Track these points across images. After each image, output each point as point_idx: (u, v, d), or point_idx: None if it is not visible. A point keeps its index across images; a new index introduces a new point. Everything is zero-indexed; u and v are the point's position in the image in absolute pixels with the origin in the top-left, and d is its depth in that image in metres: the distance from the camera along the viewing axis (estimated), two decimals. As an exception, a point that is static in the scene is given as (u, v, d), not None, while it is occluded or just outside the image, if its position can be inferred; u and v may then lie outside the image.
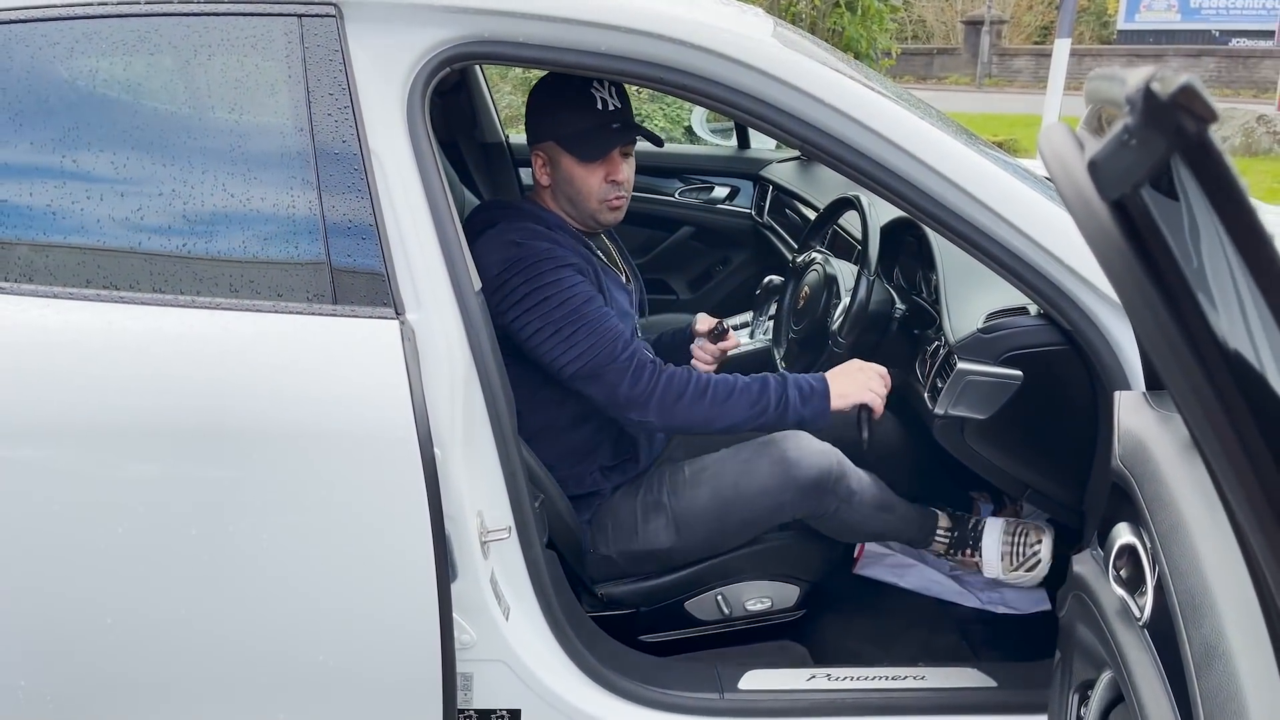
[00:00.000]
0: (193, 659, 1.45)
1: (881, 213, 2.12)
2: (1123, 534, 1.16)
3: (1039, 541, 1.87)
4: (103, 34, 1.40)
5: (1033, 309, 1.62)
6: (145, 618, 1.42)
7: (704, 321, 2.11)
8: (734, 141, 3.75)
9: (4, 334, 1.34)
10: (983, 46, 21.65)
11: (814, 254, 2.26)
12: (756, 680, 1.74)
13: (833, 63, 1.63)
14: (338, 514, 1.39)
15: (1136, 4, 20.95)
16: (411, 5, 1.44)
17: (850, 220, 2.40)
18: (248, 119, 1.42)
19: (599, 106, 1.75)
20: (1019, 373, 1.59)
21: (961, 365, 1.61)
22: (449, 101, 2.80)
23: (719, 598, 1.87)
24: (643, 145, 1.86)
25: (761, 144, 3.67)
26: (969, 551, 1.92)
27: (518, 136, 3.16)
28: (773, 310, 2.41)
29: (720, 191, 3.61)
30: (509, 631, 1.55)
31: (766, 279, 2.52)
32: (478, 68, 2.99)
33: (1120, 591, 1.11)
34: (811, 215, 2.78)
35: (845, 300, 2.00)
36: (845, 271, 2.10)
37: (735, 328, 2.57)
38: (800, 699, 1.71)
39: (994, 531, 1.90)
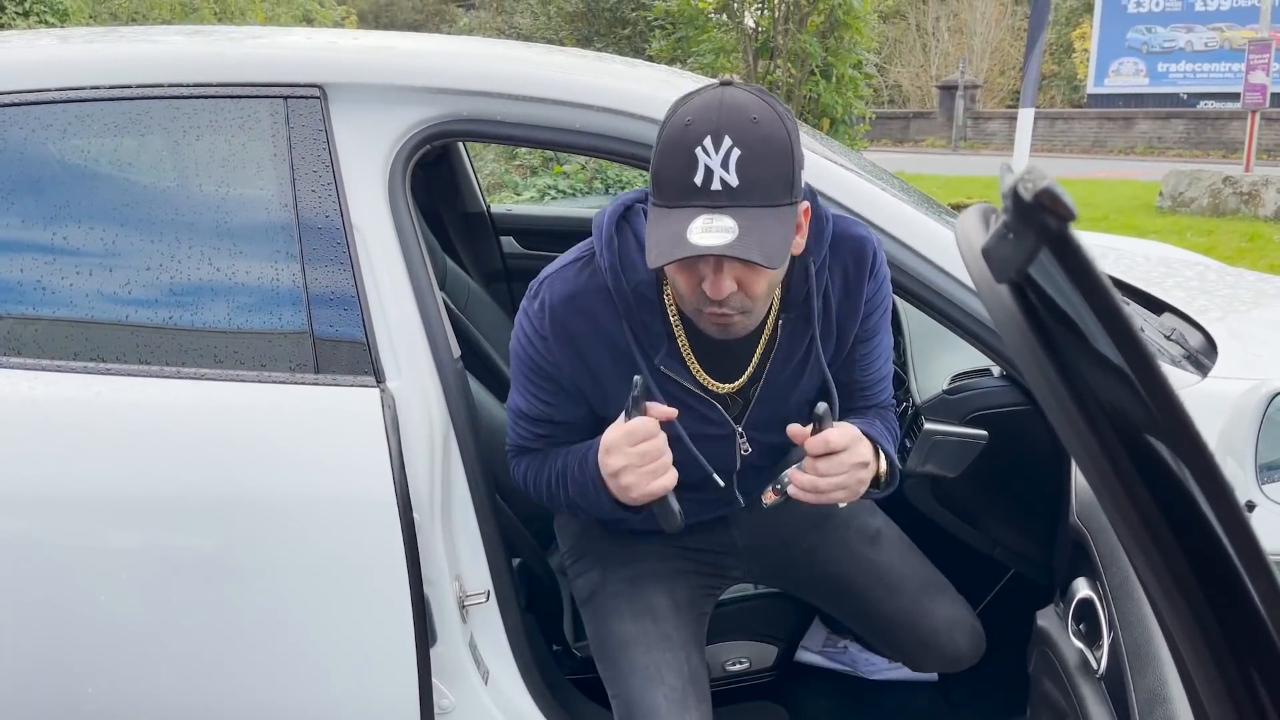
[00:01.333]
0: (172, 727, 1.46)
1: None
2: (1081, 588, 1.19)
3: None
4: (96, 116, 1.45)
5: (996, 370, 1.67)
6: (124, 687, 1.43)
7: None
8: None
9: (-8, 406, 1.37)
10: (957, 110, 22.16)
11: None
12: (735, 741, 1.75)
13: (808, 143, 1.70)
14: (318, 580, 1.41)
15: (1105, 69, 21.53)
16: (392, 86, 1.50)
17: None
18: (234, 195, 1.47)
19: (696, 179, 1.15)
20: (984, 432, 1.64)
21: (928, 426, 1.65)
22: (431, 172, 2.87)
23: (698, 659, 1.89)
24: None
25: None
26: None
27: (499, 206, 3.23)
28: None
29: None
30: (488, 695, 1.56)
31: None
32: (460, 139, 3.07)
33: (1079, 644, 1.15)
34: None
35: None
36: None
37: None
38: (779, 759, 1.72)
39: None
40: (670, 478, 1.28)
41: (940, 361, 1.79)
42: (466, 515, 1.54)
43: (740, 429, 1.45)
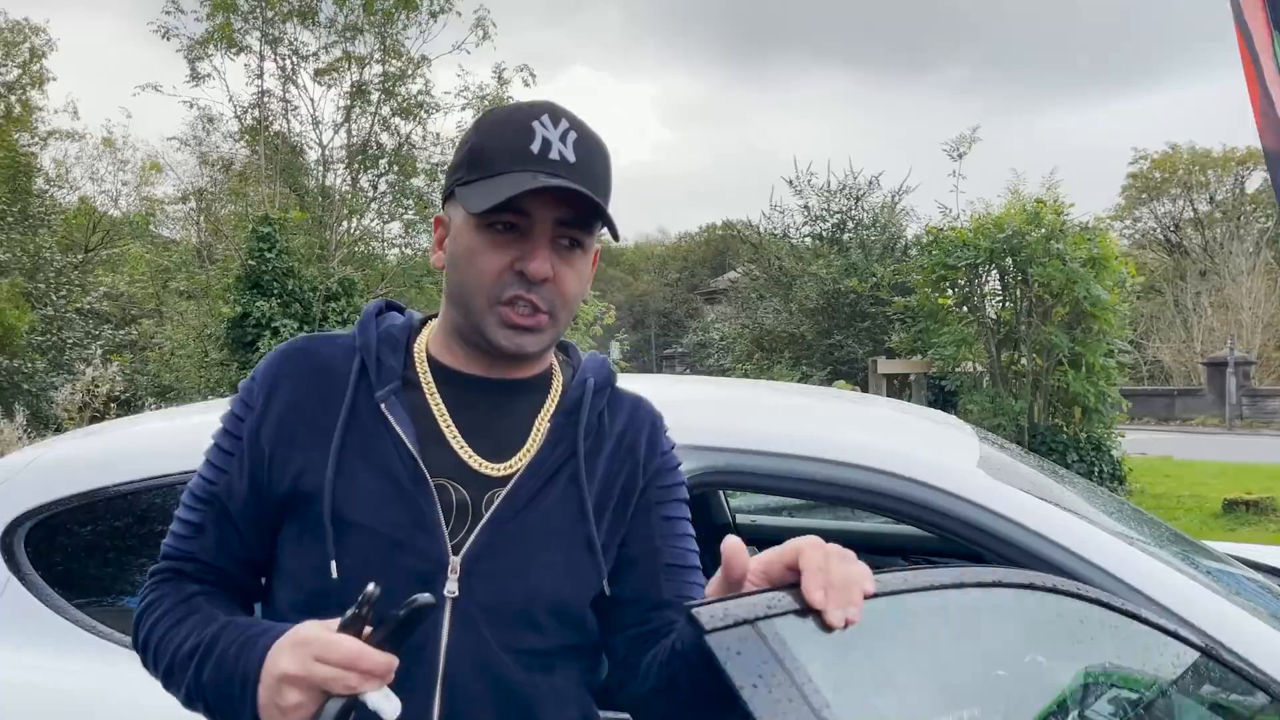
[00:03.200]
0: None
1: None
2: None
3: None
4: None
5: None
6: None
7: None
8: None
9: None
10: (1229, 388, 20.76)
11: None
12: None
13: (1043, 488, 1.77)
14: None
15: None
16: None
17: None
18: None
19: (533, 146, 1.06)
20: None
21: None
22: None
23: None
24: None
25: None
26: None
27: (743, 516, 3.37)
28: None
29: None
30: None
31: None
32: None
33: None
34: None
35: None
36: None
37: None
38: None
39: None
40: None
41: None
42: None
43: (456, 561, 1.04)
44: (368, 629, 0.89)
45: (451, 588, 1.03)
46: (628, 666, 1.11)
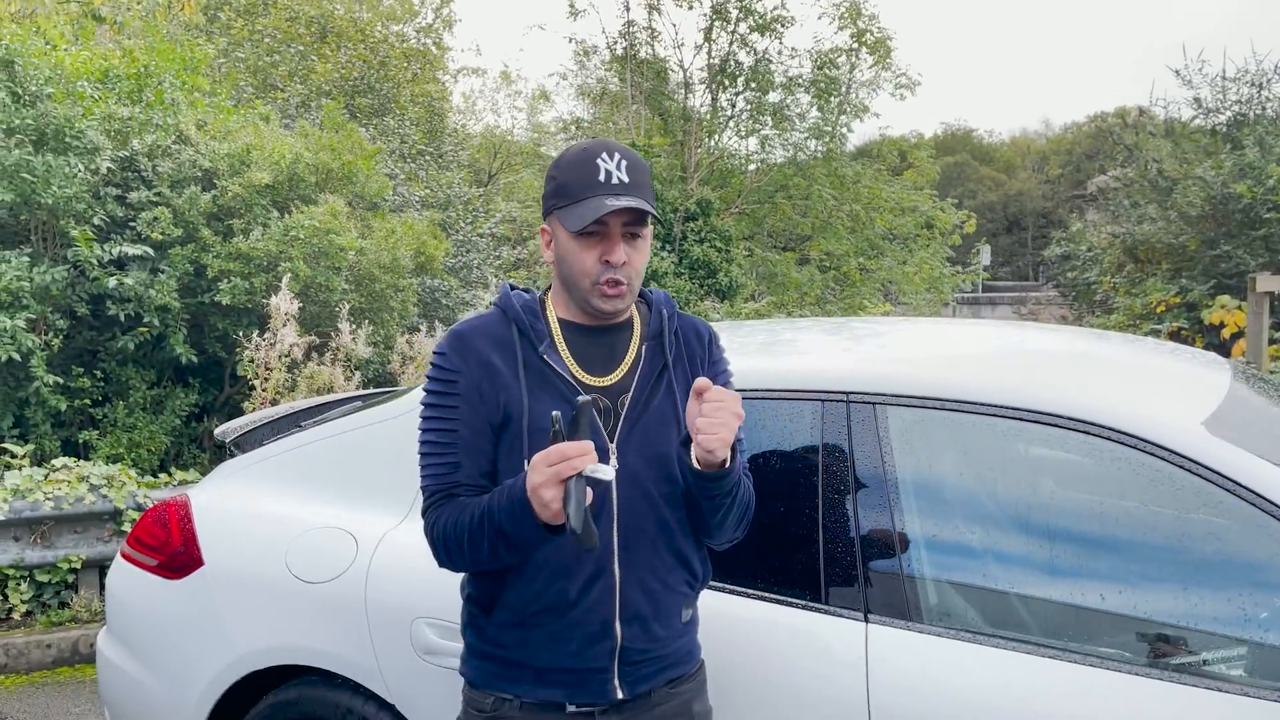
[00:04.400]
0: None
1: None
2: None
3: None
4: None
5: None
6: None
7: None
8: None
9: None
10: None
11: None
12: None
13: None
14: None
15: None
16: (897, 394, 2.04)
17: None
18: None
19: (600, 177, 1.65)
20: None
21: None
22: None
23: None
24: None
25: None
26: None
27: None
28: None
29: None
30: None
31: None
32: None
33: None
34: None
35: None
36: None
37: None
38: None
39: None
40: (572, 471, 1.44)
41: None
42: None
43: (613, 446, 1.67)
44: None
45: (614, 462, 1.66)
46: None
